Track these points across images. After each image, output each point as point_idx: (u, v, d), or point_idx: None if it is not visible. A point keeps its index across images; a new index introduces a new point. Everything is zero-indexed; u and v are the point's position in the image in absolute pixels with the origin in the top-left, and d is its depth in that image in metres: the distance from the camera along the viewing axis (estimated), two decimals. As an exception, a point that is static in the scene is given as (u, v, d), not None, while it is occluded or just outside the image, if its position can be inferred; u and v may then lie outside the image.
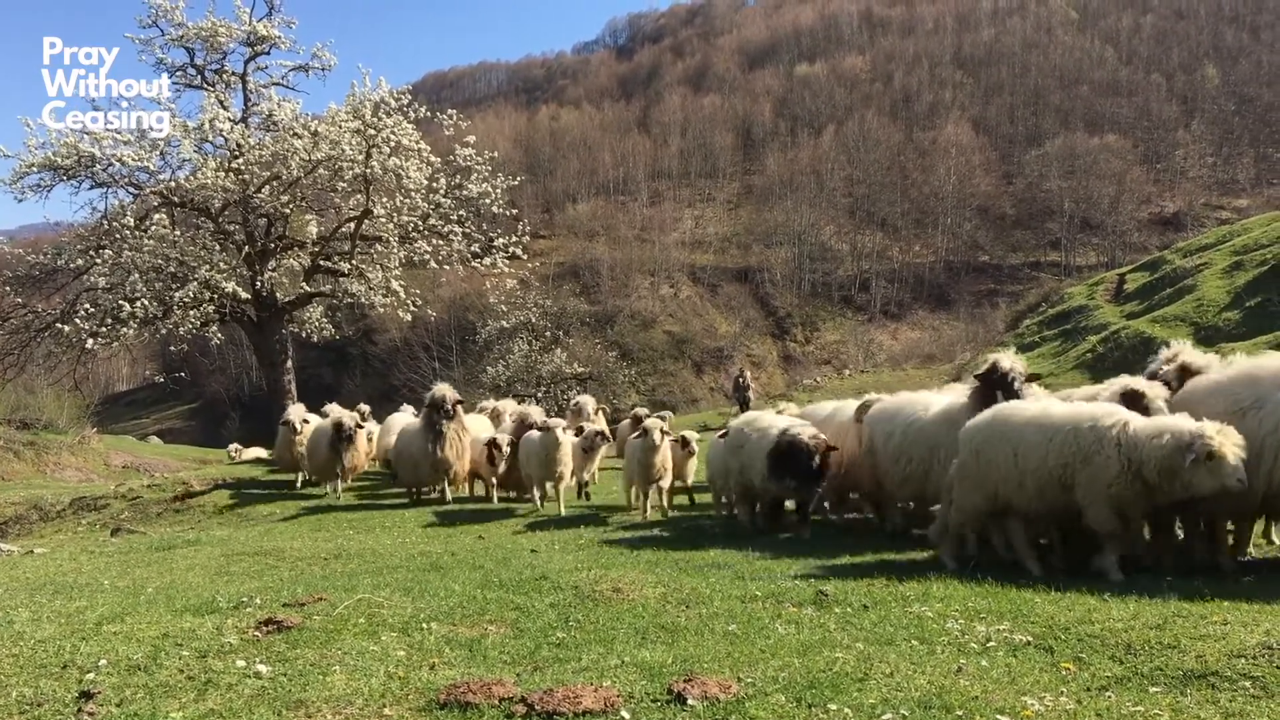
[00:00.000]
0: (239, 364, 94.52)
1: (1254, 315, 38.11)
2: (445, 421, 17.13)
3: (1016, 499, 8.63)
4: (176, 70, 25.56)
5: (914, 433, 11.04)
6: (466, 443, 17.64)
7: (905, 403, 11.82)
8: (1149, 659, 5.30)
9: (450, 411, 17.20)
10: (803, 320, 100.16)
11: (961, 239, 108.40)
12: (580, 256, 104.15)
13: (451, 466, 17.44)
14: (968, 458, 9.04)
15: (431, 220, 25.92)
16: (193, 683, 5.18)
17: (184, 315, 23.50)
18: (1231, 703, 4.51)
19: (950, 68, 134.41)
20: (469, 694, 4.77)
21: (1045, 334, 58.22)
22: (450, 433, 17.21)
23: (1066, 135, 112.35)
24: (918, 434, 10.99)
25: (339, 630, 6.36)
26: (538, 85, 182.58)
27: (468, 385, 63.93)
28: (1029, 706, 4.53)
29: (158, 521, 18.34)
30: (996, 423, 8.91)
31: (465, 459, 17.65)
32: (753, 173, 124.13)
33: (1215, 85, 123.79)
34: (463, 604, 7.28)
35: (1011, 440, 8.60)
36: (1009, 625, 6.28)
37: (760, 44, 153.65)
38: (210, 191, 23.34)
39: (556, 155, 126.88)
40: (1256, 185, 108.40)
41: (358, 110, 24.19)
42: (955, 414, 10.38)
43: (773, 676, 5.15)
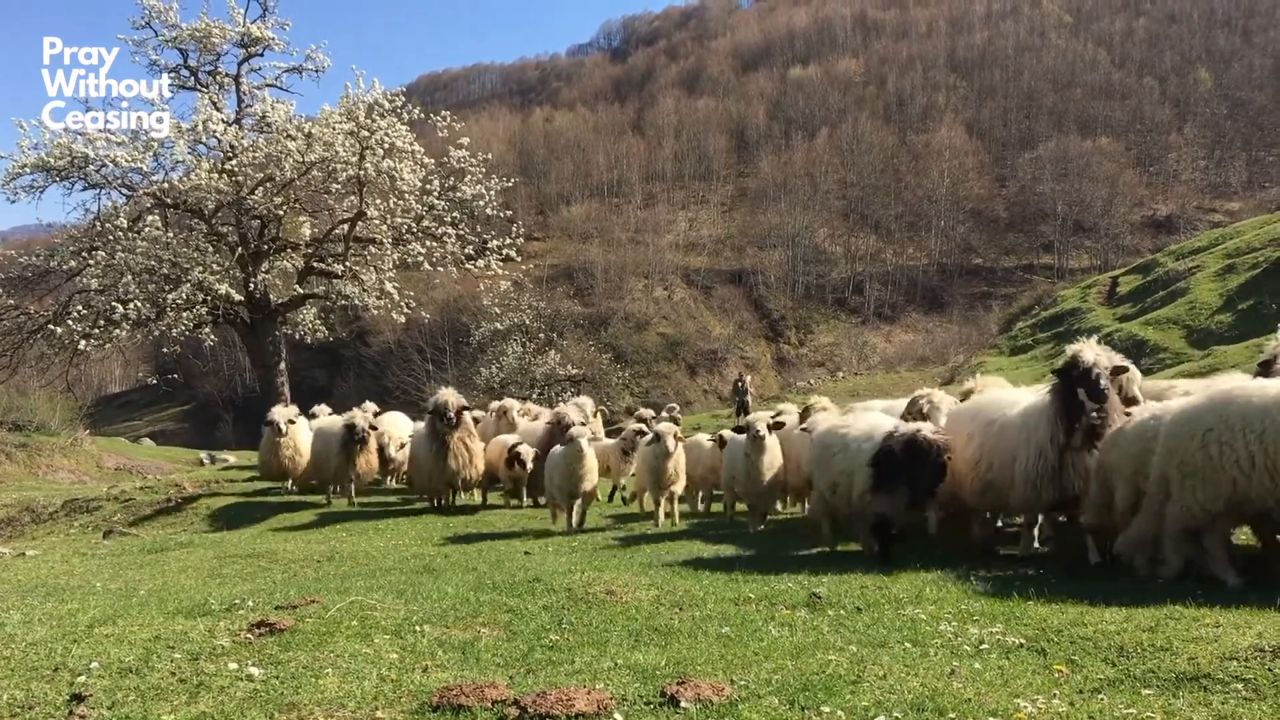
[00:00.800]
0: (232, 366, 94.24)
1: (1246, 318, 38.22)
2: (449, 430, 16.22)
3: (1259, 495, 7.29)
4: (170, 72, 25.56)
5: (994, 435, 9.91)
6: (476, 449, 16.75)
7: (987, 403, 10.73)
8: (1141, 661, 5.31)
9: (453, 420, 16.15)
10: (796, 323, 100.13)
11: (955, 242, 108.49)
12: (574, 258, 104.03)
13: (458, 477, 16.60)
14: (1193, 451, 7.54)
15: (425, 222, 25.93)
16: (184, 685, 5.17)
17: (177, 317, 23.43)
18: (1224, 705, 4.52)
19: (944, 71, 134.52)
20: (461, 696, 4.77)
21: (1038, 336, 58.42)
22: (454, 443, 16.33)
23: (1059, 138, 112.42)
24: (998, 436, 9.84)
25: (331, 633, 6.35)
26: (532, 87, 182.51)
27: (461, 387, 63.71)
28: (1021, 709, 4.54)
29: (150, 524, 18.30)
30: (1233, 406, 7.46)
31: (476, 465, 16.74)
32: (746, 175, 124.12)
33: (1208, 89, 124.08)
34: (456, 606, 7.28)
35: (1255, 426, 7.25)
36: (1002, 627, 6.29)
37: (754, 46, 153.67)
38: (203, 193, 23.30)
39: (550, 157, 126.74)
40: (1249, 188, 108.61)
41: (351, 112, 24.19)
42: (1035, 415, 9.48)
43: (766, 679, 5.15)
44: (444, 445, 16.28)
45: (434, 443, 16.39)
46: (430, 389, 65.33)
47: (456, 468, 16.39)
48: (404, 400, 56.11)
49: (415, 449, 17.66)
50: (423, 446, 16.90)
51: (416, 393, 65.38)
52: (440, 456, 16.34)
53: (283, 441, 19.48)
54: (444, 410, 16.16)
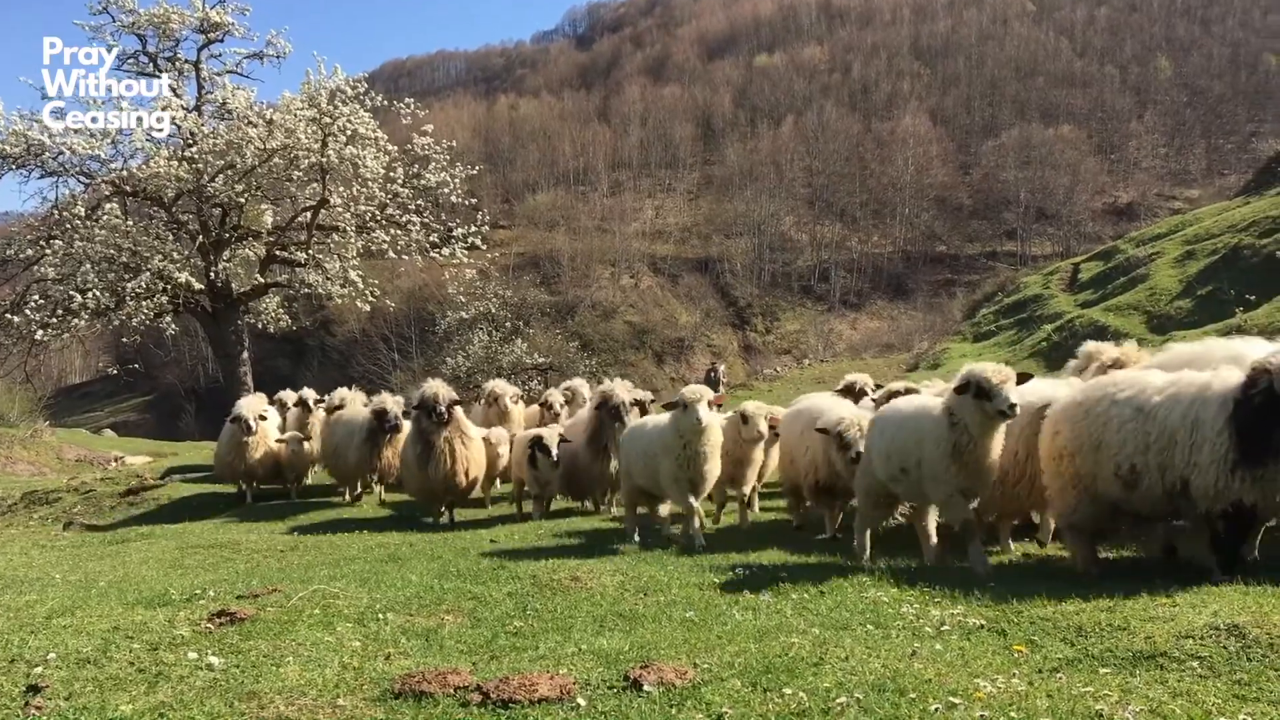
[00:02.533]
0: (194, 355, 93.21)
1: (1205, 304, 38.68)
2: (437, 429, 13.61)
3: None
4: (128, 58, 25.18)
5: None
6: (472, 450, 14.00)
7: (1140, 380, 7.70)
8: (1099, 641, 5.38)
9: (443, 415, 13.51)
10: (763, 310, 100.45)
11: (919, 229, 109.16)
12: (540, 247, 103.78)
13: (450, 485, 13.85)
14: None
15: (389, 210, 25.73)
16: (143, 675, 5.12)
17: (137, 306, 23.12)
18: (1179, 682, 4.58)
19: (908, 59, 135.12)
20: (424, 683, 4.75)
21: (1001, 323, 58.82)
22: (442, 443, 13.64)
23: (1022, 126, 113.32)
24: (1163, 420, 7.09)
25: (293, 621, 6.31)
26: (496, 75, 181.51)
27: (427, 377, 63.42)
28: (981, 688, 4.58)
29: (111, 515, 18.11)
30: None
31: (472, 470, 14.02)
32: (713, 163, 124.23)
33: (1167, 77, 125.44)
34: (420, 594, 7.25)
35: None
36: (963, 609, 6.36)
37: (720, 34, 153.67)
38: (163, 181, 22.99)
39: (516, 145, 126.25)
40: (1208, 176, 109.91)
41: (313, 98, 23.94)
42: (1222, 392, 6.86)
43: (729, 662, 5.17)
44: (429, 447, 13.64)
45: (419, 444, 13.81)
46: (396, 378, 65.10)
47: (444, 474, 13.66)
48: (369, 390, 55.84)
49: (402, 453, 15.08)
50: (408, 449, 14.34)
51: (382, 382, 65.03)
52: (425, 461, 13.71)
53: (251, 441, 17.17)
54: (432, 405, 13.51)
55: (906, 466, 8.48)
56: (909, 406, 9.00)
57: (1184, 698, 4.36)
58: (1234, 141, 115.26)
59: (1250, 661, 4.75)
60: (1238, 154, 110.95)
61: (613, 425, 13.05)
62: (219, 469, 18.63)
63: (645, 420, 11.83)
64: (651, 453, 10.71)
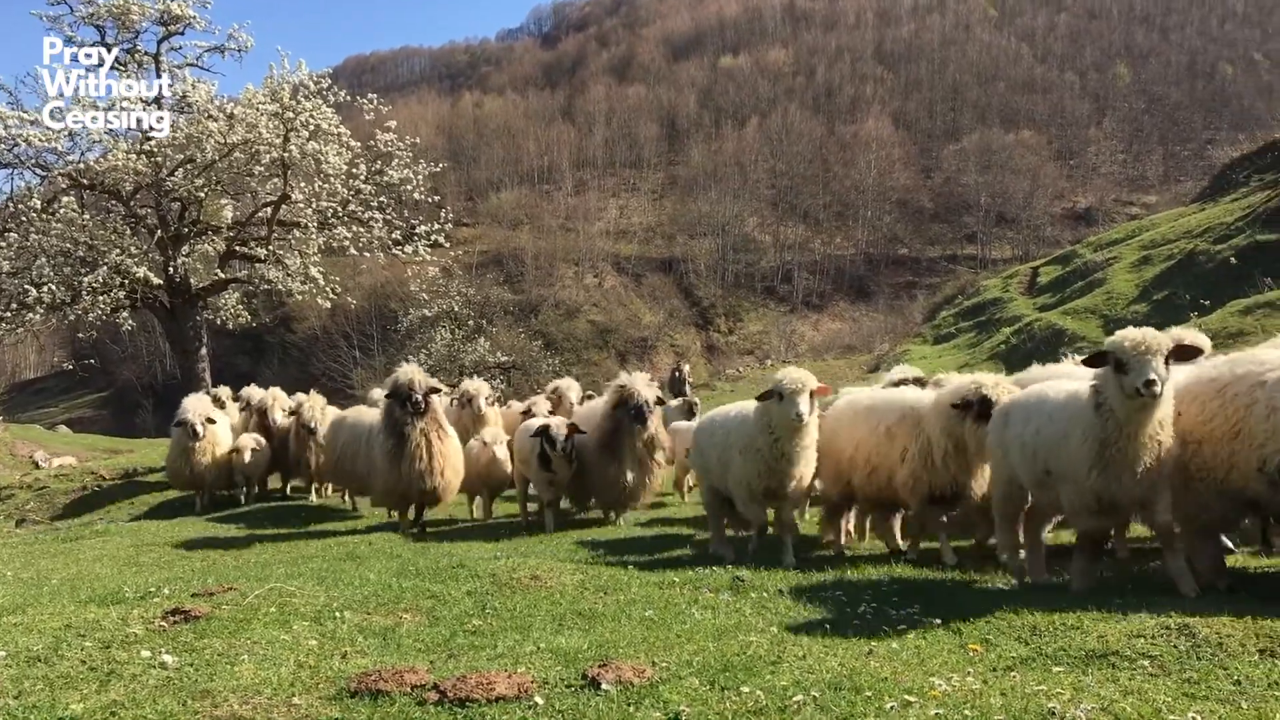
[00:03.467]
0: (152, 351, 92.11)
1: (1161, 308, 39.21)
2: (412, 420, 12.17)
3: None
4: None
5: None
6: (449, 447, 12.60)
7: None
8: (1053, 640, 5.44)
9: (420, 405, 12.06)
10: (726, 311, 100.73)
11: (881, 232, 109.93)
12: (504, 245, 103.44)
13: (425, 486, 12.33)
14: None
15: (351, 206, 25.53)
16: (95, 674, 5.05)
17: (93, 301, 22.82)
18: (1130, 680, 4.64)
19: (871, 62, 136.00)
20: (380, 682, 4.73)
21: (961, 325, 59.41)
22: (418, 436, 12.20)
23: (983, 131, 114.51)
24: None
25: (249, 620, 6.25)
26: (461, 72, 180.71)
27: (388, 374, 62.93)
28: (936, 687, 4.62)
29: (65, 512, 17.87)
30: None
31: (449, 470, 12.53)
32: (677, 163, 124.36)
33: (1126, 84, 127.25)
34: (378, 592, 7.21)
35: None
36: (919, 608, 6.41)
37: (684, 35, 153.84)
38: (121, 174, 22.71)
39: (480, 143, 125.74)
40: (1164, 182, 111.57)
41: (275, 93, 23.71)
42: None
43: (687, 660, 5.18)
44: (402, 440, 12.19)
45: (390, 437, 12.32)
46: (358, 376, 64.62)
47: (418, 472, 12.21)
48: (330, 388, 55.45)
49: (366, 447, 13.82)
50: (377, 443, 12.85)
51: (343, 379, 64.63)
52: (397, 457, 12.23)
53: (198, 447, 16.08)
54: (407, 392, 12.05)
55: (1054, 468, 6.83)
56: (1058, 387, 7.21)
57: (1135, 696, 4.41)
58: (1190, 149, 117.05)
59: (1200, 660, 4.83)
60: (1194, 161, 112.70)
61: (634, 428, 11.71)
62: (170, 476, 17.50)
63: (728, 408, 10.01)
64: (727, 447, 9.29)
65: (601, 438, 12.02)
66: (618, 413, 11.79)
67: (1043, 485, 7.04)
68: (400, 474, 12.22)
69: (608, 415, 11.99)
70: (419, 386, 12.09)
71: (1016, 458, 7.25)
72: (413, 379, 12.16)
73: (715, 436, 9.65)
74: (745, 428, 8.99)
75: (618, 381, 12.00)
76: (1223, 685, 4.49)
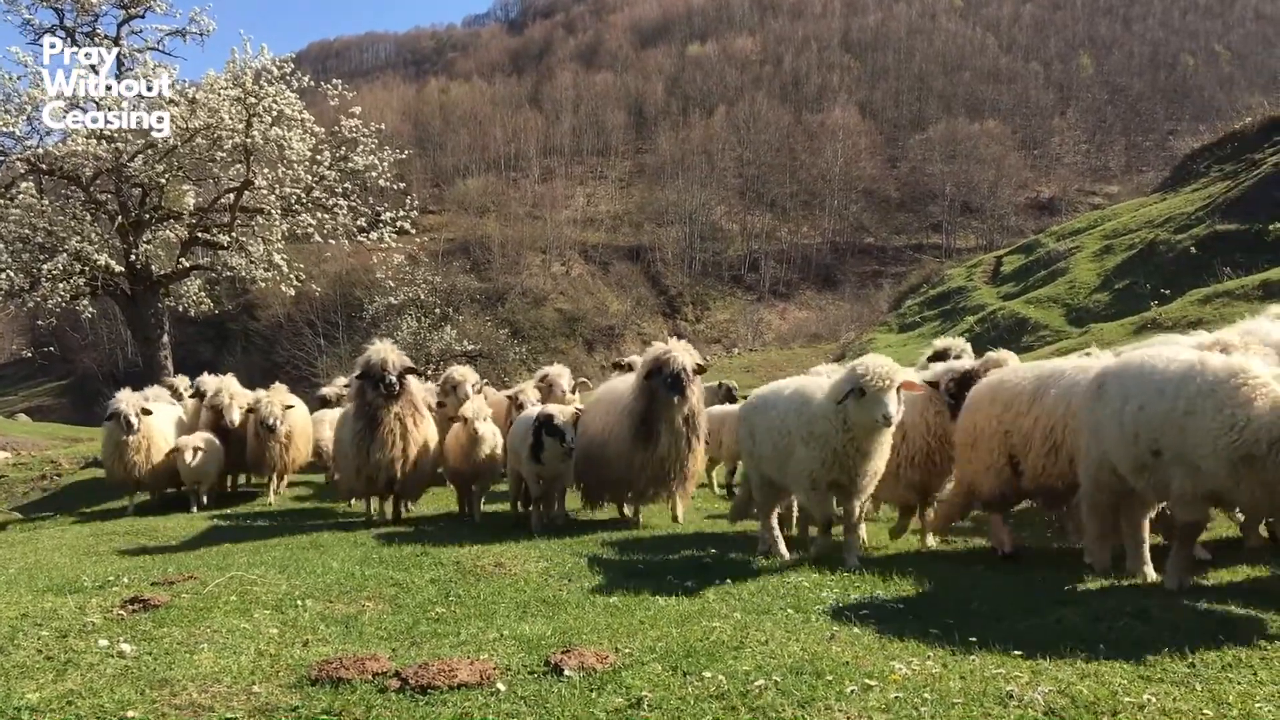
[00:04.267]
0: (113, 339, 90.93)
1: (1122, 297, 39.69)
2: (385, 403, 11.27)
3: None
4: (45, 32, 24.46)
5: None
6: (425, 431, 11.74)
7: None
8: (1013, 623, 5.50)
9: (393, 386, 11.18)
10: (693, 299, 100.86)
11: (848, 221, 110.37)
12: (470, 233, 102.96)
13: (396, 474, 11.48)
14: None
15: (316, 193, 25.33)
16: (51, 663, 5.00)
17: (53, 288, 22.55)
18: (1087, 663, 4.70)
19: (838, 51, 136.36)
20: (341, 670, 4.70)
21: (926, 314, 59.83)
22: (391, 420, 11.33)
23: (949, 120, 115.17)
24: None
25: (209, 608, 6.21)
26: (426, 57, 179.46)
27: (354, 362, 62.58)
28: (897, 670, 4.65)
29: (24, 501, 17.64)
30: None
31: (424, 459, 11.79)
32: (645, 151, 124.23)
33: (1089, 74, 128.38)
34: (340, 581, 7.18)
35: None
36: (882, 594, 6.46)
37: (652, 22, 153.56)
38: (81, 159, 22.45)
39: (446, 129, 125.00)
40: (1126, 172, 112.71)
41: (238, 78, 23.48)
42: None
43: (650, 646, 5.19)
44: (373, 424, 11.30)
45: (359, 420, 11.47)
46: (323, 364, 64.17)
47: (389, 459, 11.32)
48: (294, 376, 54.99)
49: (337, 432, 12.99)
50: (345, 428, 12.03)
51: (308, 368, 64.17)
52: (367, 441, 11.31)
53: (130, 442, 14.17)
54: (380, 373, 11.14)
55: (1161, 448, 5.89)
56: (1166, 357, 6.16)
57: (1091, 678, 4.47)
58: (1152, 139, 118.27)
59: (1156, 643, 4.90)
60: (1156, 151, 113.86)
61: (671, 400, 10.04)
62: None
63: (780, 385, 8.69)
64: (784, 433, 7.97)
65: (632, 417, 10.40)
66: (652, 383, 10.10)
67: (1143, 470, 6.12)
68: (368, 459, 11.25)
69: (639, 388, 10.33)
70: (393, 366, 11.15)
71: (1118, 439, 6.26)
72: (386, 358, 11.19)
73: (769, 420, 8.24)
74: (808, 412, 7.66)
75: (653, 350, 10.35)
76: (1178, 668, 4.56)
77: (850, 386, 7.12)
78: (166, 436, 14.90)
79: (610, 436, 10.69)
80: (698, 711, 4.20)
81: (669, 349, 10.13)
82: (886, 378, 7.00)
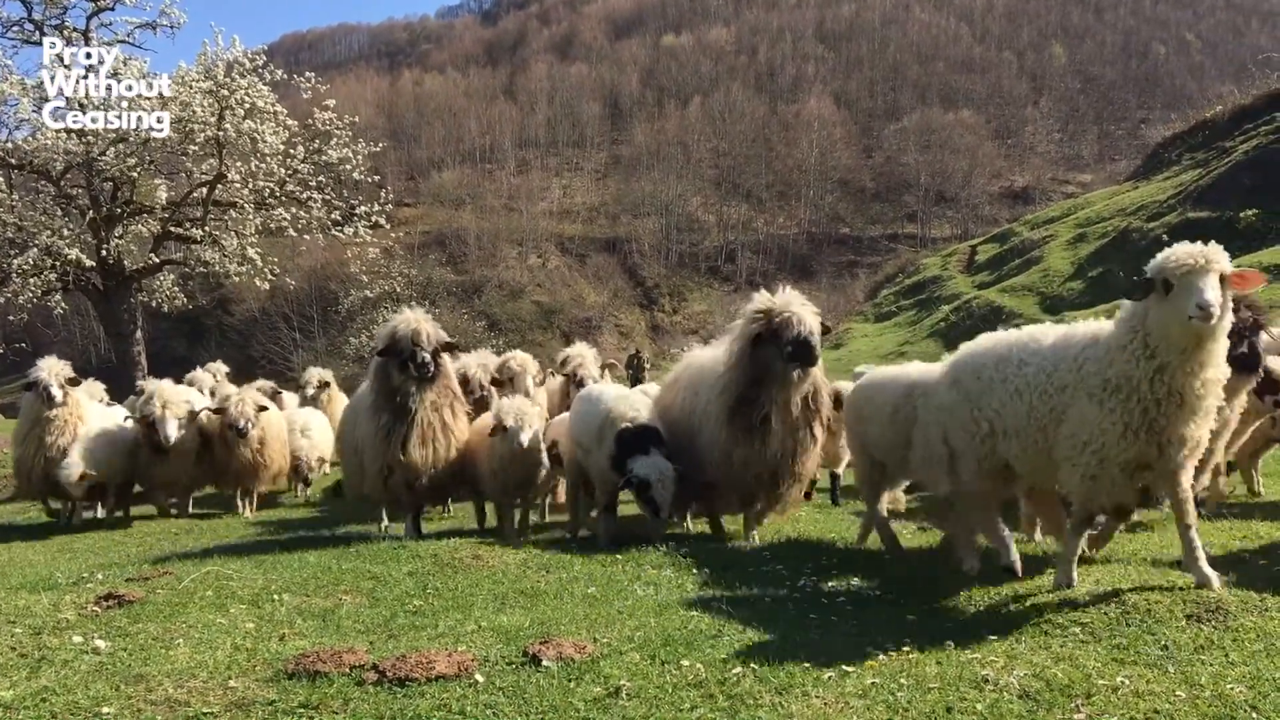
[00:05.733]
0: (85, 335, 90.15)
1: (1095, 285, 40.00)
2: (418, 387, 8.99)
3: None
4: (13, 25, 24.26)
5: None
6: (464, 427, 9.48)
7: None
8: (989, 609, 5.54)
9: (427, 366, 8.85)
10: (670, 290, 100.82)
11: (823, 211, 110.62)
12: (446, 225, 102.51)
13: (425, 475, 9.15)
14: None
15: (289, 186, 25.24)
16: (25, 660, 4.96)
17: (24, 284, 22.43)
18: (1062, 647, 4.75)
19: (812, 42, 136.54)
20: (318, 663, 4.68)
21: (902, 304, 60.07)
22: (425, 411, 9.06)
23: (923, 110, 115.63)
24: None
25: (185, 604, 6.16)
26: (400, 49, 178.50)
27: (330, 356, 62.52)
28: (873, 657, 4.69)
29: (-4, 499, 17.48)
30: None
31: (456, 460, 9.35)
32: (620, 143, 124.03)
33: (1062, 64, 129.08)
34: (317, 575, 7.14)
35: None
36: (859, 581, 6.49)
37: (627, 13, 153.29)
38: (51, 154, 22.29)
39: (420, 122, 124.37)
40: (1099, 161, 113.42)
41: (210, 70, 23.34)
42: None
43: (629, 636, 5.20)
44: (402, 414, 9.00)
45: (384, 411, 9.13)
46: (299, 359, 63.87)
47: (424, 459, 9.08)
48: (270, 371, 54.69)
49: (347, 424, 10.95)
50: (363, 419, 9.66)
51: (284, 362, 63.85)
52: (399, 433, 9.04)
53: (54, 420, 11.97)
54: (410, 348, 8.87)
55: None
56: None
57: (1066, 662, 4.51)
58: (1124, 128, 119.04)
59: (1129, 627, 4.95)
60: (1128, 140, 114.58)
61: (790, 376, 7.64)
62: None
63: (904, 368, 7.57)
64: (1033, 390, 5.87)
65: (731, 398, 7.93)
66: (763, 353, 7.70)
67: None
68: (399, 459, 9.01)
69: (741, 360, 7.84)
70: (427, 340, 8.89)
71: None
72: (419, 329, 8.91)
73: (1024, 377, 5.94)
74: (1091, 353, 5.58)
75: (757, 302, 7.84)
76: (1151, 651, 4.61)
77: (1150, 276, 5.19)
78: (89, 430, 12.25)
79: (699, 426, 8.40)
80: (676, 700, 4.21)
81: (788, 302, 7.68)
82: (1202, 256, 5.01)
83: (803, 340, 7.41)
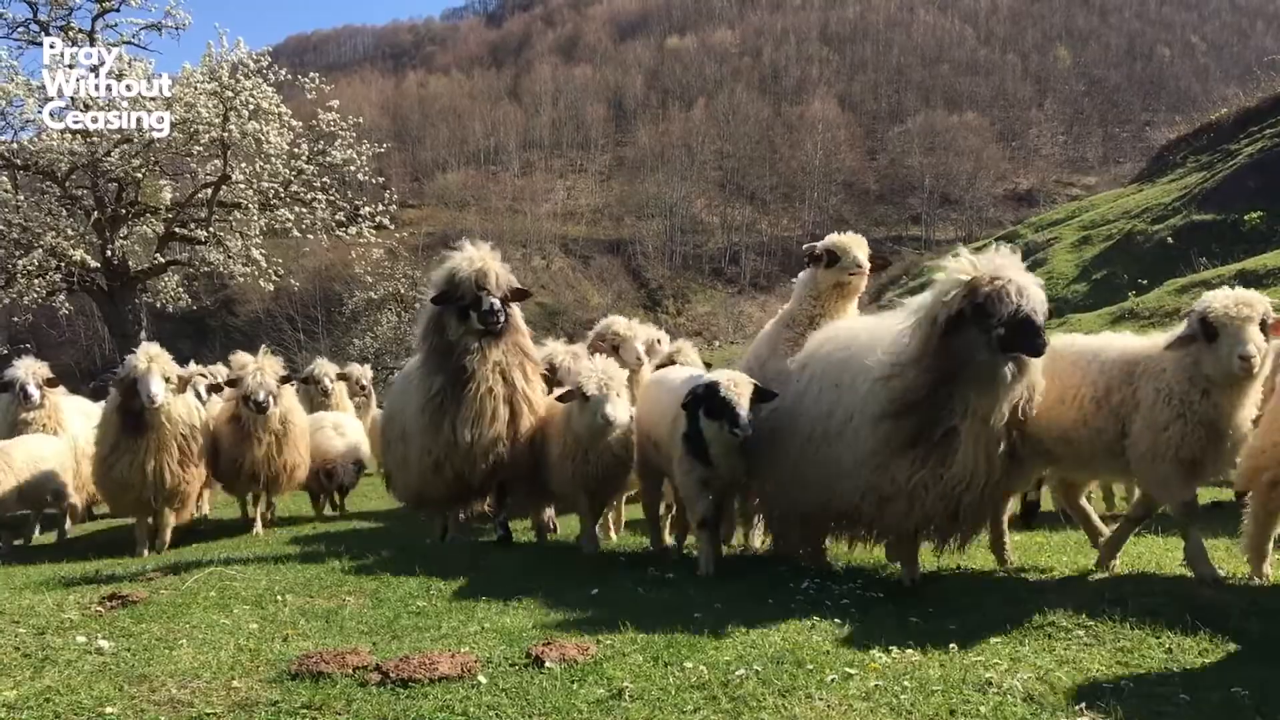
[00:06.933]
0: (90, 335, 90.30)
1: (1100, 287, 39.82)
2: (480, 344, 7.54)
3: None
4: (19, 26, 24.32)
5: None
6: (539, 399, 7.92)
7: None
8: (993, 612, 5.52)
9: (496, 317, 7.45)
10: (674, 292, 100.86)
11: (828, 213, 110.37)
12: (450, 227, 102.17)
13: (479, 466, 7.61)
14: None
15: (294, 187, 25.27)
16: (29, 660, 4.96)
17: (29, 284, 22.49)
18: (1066, 650, 4.74)
19: (817, 44, 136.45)
20: (321, 664, 4.68)
21: (906, 306, 59.94)
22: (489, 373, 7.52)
23: (927, 112, 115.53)
24: None
25: (188, 604, 6.17)
26: (405, 51, 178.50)
27: (335, 358, 62.50)
28: (876, 659, 4.68)
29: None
30: None
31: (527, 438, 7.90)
32: (624, 144, 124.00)
33: (1066, 66, 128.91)
34: (320, 575, 7.14)
35: None
36: (862, 583, 6.47)
37: (631, 15, 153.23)
38: (56, 154, 22.34)
39: (425, 123, 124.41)
40: (1104, 163, 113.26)
41: (214, 72, 23.37)
42: None
43: (631, 637, 5.19)
44: (459, 382, 7.49)
45: (438, 374, 7.64)
46: (303, 359, 63.79)
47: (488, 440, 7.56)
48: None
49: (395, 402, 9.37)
50: (414, 394, 8.03)
51: (288, 364, 63.83)
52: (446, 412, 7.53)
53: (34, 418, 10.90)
54: (475, 293, 7.49)
55: None
56: None
57: (1070, 665, 4.51)
58: (1129, 130, 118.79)
59: (1133, 630, 4.93)
60: (1132, 142, 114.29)
61: (1001, 366, 5.49)
62: None
63: None
64: None
65: (896, 400, 5.80)
66: (961, 339, 5.58)
67: None
68: (452, 440, 7.34)
69: (928, 348, 5.68)
70: (496, 284, 7.35)
71: None
72: (485, 268, 7.35)
73: None
74: None
75: (954, 273, 5.68)
76: (1155, 654, 4.61)
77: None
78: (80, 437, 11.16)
79: (838, 431, 6.28)
80: (679, 701, 4.21)
81: (1001, 267, 5.59)
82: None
83: (1023, 319, 5.36)
